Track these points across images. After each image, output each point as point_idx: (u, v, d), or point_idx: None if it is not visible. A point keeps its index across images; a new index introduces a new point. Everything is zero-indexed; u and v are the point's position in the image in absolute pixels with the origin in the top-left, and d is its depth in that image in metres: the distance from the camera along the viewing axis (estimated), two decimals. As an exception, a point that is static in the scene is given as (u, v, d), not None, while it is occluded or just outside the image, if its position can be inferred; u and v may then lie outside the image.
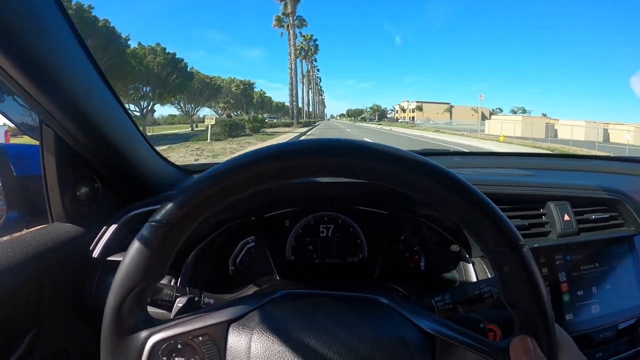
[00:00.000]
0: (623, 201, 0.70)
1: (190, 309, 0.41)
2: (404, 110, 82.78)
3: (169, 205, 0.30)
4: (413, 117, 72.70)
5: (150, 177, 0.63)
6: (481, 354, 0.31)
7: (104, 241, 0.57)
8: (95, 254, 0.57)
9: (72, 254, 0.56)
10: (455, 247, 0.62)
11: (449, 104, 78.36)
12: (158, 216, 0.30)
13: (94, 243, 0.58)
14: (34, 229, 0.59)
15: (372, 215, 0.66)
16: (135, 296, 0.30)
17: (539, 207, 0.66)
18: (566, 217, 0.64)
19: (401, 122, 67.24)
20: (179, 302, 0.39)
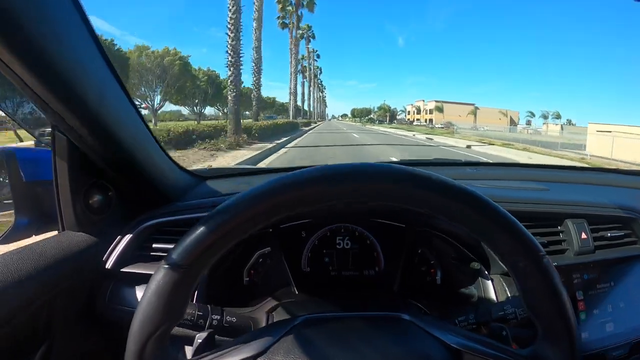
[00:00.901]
0: (638, 219, 0.70)
1: (212, 341, 0.40)
2: (418, 111, 72.19)
3: (183, 245, 0.29)
4: (431, 120, 63.99)
5: (163, 183, 0.61)
6: None
7: (118, 252, 0.56)
8: (109, 264, 0.56)
9: (85, 264, 0.54)
10: (476, 265, 0.62)
11: (473, 105, 67.64)
12: (172, 258, 0.29)
13: (107, 253, 0.56)
14: (45, 237, 0.57)
15: (389, 227, 0.66)
16: (156, 340, 0.29)
17: (556, 224, 0.66)
18: (583, 235, 0.64)
19: (418, 125, 57.02)
20: (199, 338, 0.38)
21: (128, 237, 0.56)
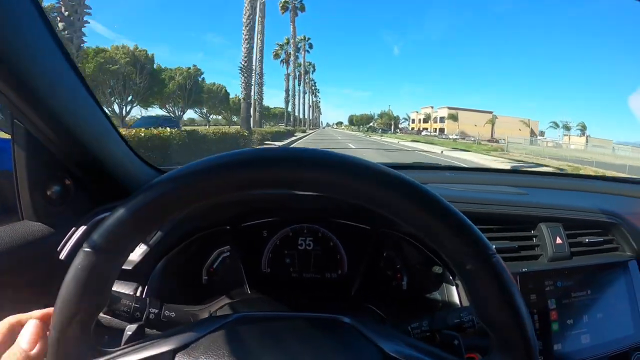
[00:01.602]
0: (619, 224, 0.67)
1: (142, 334, 0.38)
2: (426, 119, 60.86)
3: (102, 229, 0.28)
4: (442, 129, 54.57)
5: (124, 176, 0.60)
6: None
7: (72, 243, 0.55)
8: (63, 255, 0.55)
9: (40, 254, 0.54)
10: (437, 269, 0.60)
11: (491, 112, 55.01)
12: (92, 241, 0.28)
13: (61, 244, 0.55)
14: (2, 226, 0.57)
15: (353, 229, 0.64)
16: (77, 325, 0.28)
17: (529, 228, 0.63)
18: (558, 240, 0.61)
19: (427, 135, 47.17)
20: (129, 330, 0.37)
21: (83, 228, 0.56)
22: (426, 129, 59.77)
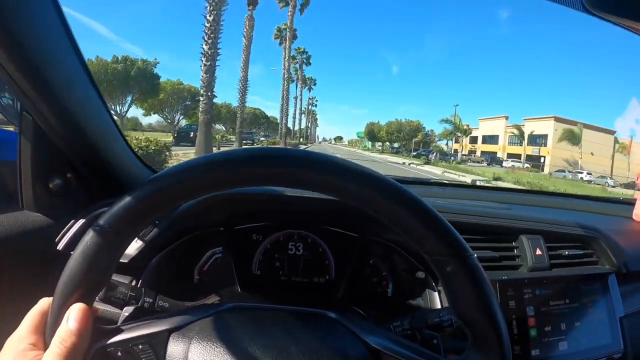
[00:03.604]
0: (598, 239, 0.70)
1: (142, 314, 0.40)
2: (488, 139, 38.90)
3: (113, 211, 0.30)
4: (540, 159, 32.77)
5: (124, 174, 0.63)
6: None
7: (70, 235, 0.57)
8: (60, 246, 0.56)
9: (37, 244, 0.55)
10: (420, 274, 0.62)
11: (613, 133, 33.99)
12: (102, 221, 0.30)
13: (60, 235, 0.57)
14: (1, 215, 0.59)
15: (342, 237, 0.66)
16: (80, 298, 0.30)
17: (511, 239, 0.66)
18: (538, 252, 0.64)
19: (516, 162, 30.06)
20: (126, 311, 0.39)
21: (81, 221, 0.57)
22: (473, 152, 38.01)
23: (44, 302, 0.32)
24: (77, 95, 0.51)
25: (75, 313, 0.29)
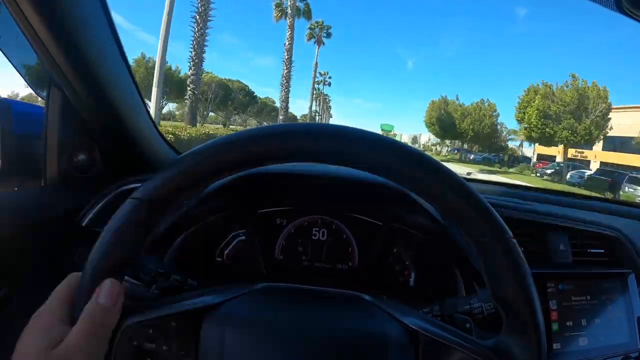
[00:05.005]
0: (620, 239, 0.70)
1: (170, 292, 0.40)
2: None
3: (152, 182, 0.29)
4: None
5: (148, 154, 0.62)
6: (467, 352, 0.30)
7: (95, 211, 0.56)
8: (84, 222, 0.56)
9: (60, 218, 0.55)
10: (450, 263, 0.61)
11: None
12: (139, 192, 0.29)
13: (84, 211, 0.57)
14: (25, 190, 0.58)
15: (366, 224, 0.66)
16: (111, 273, 0.29)
17: (537, 234, 0.66)
18: (562, 247, 0.64)
19: None
20: (156, 289, 0.38)
21: (106, 198, 0.57)
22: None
23: (72, 277, 0.31)
24: (108, 68, 0.50)
25: (106, 289, 0.28)
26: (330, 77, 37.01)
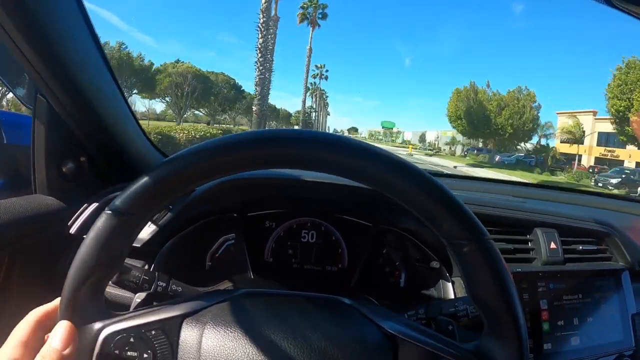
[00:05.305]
0: (612, 235, 0.69)
1: (155, 299, 0.40)
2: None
3: (127, 193, 0.29)
4: None
5: (136, 159, 0.63)
6: (447, 356, 0.30)
7: (83, 218, 0.57)
8: (73, 230, 0.56)
9: (50, 227, 0.55)
10: (435, 264, 0.61)
11: None
12: (115, 204, 0.29)
13: (72, 219, 0.57)
14: (14, 198, 0.59)
15: (355, 225, 0.66)
16: (91, 286, 0.29)
17: (525, 232, 0.65)
18: (552, 245, 0.63)
19: None
20: (138, 297, 0.38)
21: (94, 205, 0.57)
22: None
23: (32, 315, 0.31)
24: (91, 76, 0.51)
25: (60, 332, 0.28)
26: (327, 71, 34.79)
